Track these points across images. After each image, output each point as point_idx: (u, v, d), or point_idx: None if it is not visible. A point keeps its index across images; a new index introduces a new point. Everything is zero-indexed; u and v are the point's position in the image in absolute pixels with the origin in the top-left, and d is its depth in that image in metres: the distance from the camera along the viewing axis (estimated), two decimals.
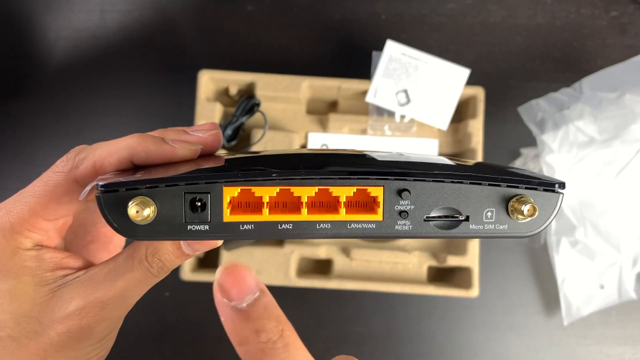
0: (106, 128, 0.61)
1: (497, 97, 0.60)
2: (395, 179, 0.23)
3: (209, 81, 0.58)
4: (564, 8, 0.62)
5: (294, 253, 0.55)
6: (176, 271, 0.55)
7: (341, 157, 0.28)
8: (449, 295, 0.55)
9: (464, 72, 0.56)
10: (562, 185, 0.23)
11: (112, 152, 0.24)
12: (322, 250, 0.56)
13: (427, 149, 0.58)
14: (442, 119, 0.57)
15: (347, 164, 0.25)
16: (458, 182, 0.23)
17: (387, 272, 0.57)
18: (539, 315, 0.59)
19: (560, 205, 0.23)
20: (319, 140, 0.59)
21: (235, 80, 0.57)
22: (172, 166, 0.24)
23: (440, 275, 0.59)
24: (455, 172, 0.23)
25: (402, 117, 0.58)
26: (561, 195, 0.23)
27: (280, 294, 0.58)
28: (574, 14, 0.62)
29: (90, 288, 0.25)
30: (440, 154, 0.59)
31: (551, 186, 0.23)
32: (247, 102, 0.57)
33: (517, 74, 0.62)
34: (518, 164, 0.60)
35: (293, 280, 0.55)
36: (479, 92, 0.57)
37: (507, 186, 0.23)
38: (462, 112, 0.60)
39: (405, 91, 0.57)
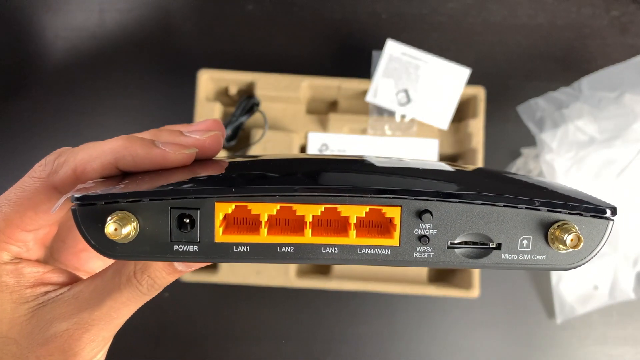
0: (105, 128, 0.60)
1: (498, 96, 0.59)
2: (415, 199, 0.19)
3: (208, 81, 0.56)
4: (565, 7, 0.61)
5: None
6: None
7: (350, 166, 0.25)
8: (450, 295, 0.54)
9: (465, 72, 0.55)
10: (614, 210, 0.20)
11: (94, 156, 0.22)
12: None
13: (427, 149, 0.58)
14: (443, 119, 0.56)
15: (359, 178, 0.22)
16: (490, 205, 0.20)
17: (387, 273, 0.56)
18: (539, 315, 0.58)
19: (609, 234, 0.20)
20: (319, 140, 0.57)
21: (235, 79, 0.56)
22: (163, 174, 0.21)
23: (441, 275, 0.58)
24: (487, 192, 0.20)
25: (403, 116, 0.56)
26: (611, 222, 0.20)
27: (280, 294, 0.58)
28: (575, 13, 0.61)
29: (74, 307, 0.22)
30: (441, 157, 0.59)
31: (600, 212, 0.20)
32: (246, 101, 0.56)
33: (518, 74, 0.60)
34: (519, 164, 0.60)
35: (293, 280, 0.53)
36: (479, 92, 0.56)
37: (548, 210, 0.20)
38: (462, 112, 0.58)
39: (406, 91, 0.56)
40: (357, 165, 0.25)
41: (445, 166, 0.26)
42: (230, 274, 0.54)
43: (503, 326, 0.58)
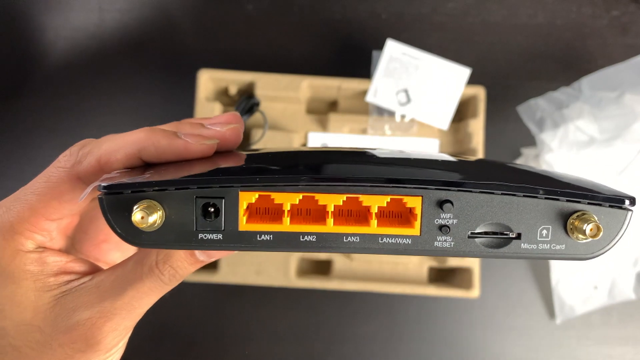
0: (105, 128, 0.60)
1: (498, 96, 0.59)
2: (437, 189, 0.20)
3: (208, 81, 0.56)
4: (565, 7, 0.61)
5: (293, 254, 0.54)
6: None
7: (370, 158, 0.25)
8: (450, 295, 0.54)
9: (465, 72, 0.55)
10: (633, 201, 0.20)
11: (118, 147, 0.22)
12: None
13: (428, 149, 0.59)
14: (443, 119, 0.56)
15: (380, 169, 0.23)
16: (510, 195, 0.20)
17: (388, 273, 0.56)
18: (539, 315, 0.58)
19: (628, 224, 0.20)
20: (319, 140, 0.57)
21: (234, 79, 0.56)
22: (186, 165, 0.22)
23: (441, 275, 0.58)
24: (507, 182, 0.20)
25: (403, 116, 0.56)
26: (630, 213, 0.20)
27: (281, 294, 0.58)
28: (575, 13, 0.61)
29: (96, 296, 0.23)
30: (441, 152, 0.60)
31: (619, 202, 0.20)
32: (246, 101, 0.56)
33: (518, 74, 0.61)
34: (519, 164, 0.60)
35: (293, 280, 0.54)
36: (479, 92, 0.56)
37: (567, 200, 0.20)
38: (462, 112, 0.58)
39: (406, 91, 0.56)
40: (376, 157, 0.25)
41: (450, 157, 0.27)
42: (230, 274, 0.54)
43: (503, 326, 0.58)
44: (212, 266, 0.55)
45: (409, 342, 0.58)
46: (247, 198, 0.20)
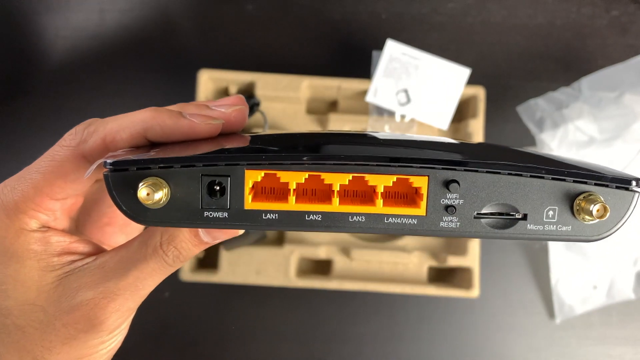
0: None
1: (498, 96, 0.59)
2: (443, 169, 0.20)
3: (208, 81, 0.56)
4: (565, 7, 0.61)
5: (293, 253, 0.54)
6: (176, 271, 0.55)
7: (376, 139, 0.25)
8: (450, 295, 0.54)
9: (465, 72, 0.56)
10: (639, 182, 0.20)
11: (124, 126, 0.22)
12: (322, 250, 0.55)
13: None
14: (443, 119, 0.56)
15: (386, 149, 0.22)
16: (516, 175, 0.20)
17: (387, 273, 0.56)
18: (539, 315, 0.58)
19: (635, 206, 0.20)
20: None
21: (235, 79, 0.56)
22: (191, 145, 0.22)
23: (441, 275, 0.58)
24: (514, 162, 0.20)
25: (403, 116, 0.57)
26: (637, 194, 0.20)
27: (281, 294, 0.58)
28: (575, 13, 0.61)
29: (99, 277, 0.23)
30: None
31: (625, 183, 0.20)
32: (246, 101, 0.57)
33: (518, 74, 0.61)
34: None
35: (293, 280, 0.54)
36: (479, 92, 0.56)
37: (574, 181, 0.20)
38: (462, 112, 0.58)
39: (406, 91, 0.57)
40: (381, 139, 0.25)
41: (454, 140, 0.27)
42: (230, 274, 0.54)
43: (503, 326, 0.58)
44: (212, 266, 0.55)
45: (409, 342, 0.58)
46: (252, 177, 0.20)
